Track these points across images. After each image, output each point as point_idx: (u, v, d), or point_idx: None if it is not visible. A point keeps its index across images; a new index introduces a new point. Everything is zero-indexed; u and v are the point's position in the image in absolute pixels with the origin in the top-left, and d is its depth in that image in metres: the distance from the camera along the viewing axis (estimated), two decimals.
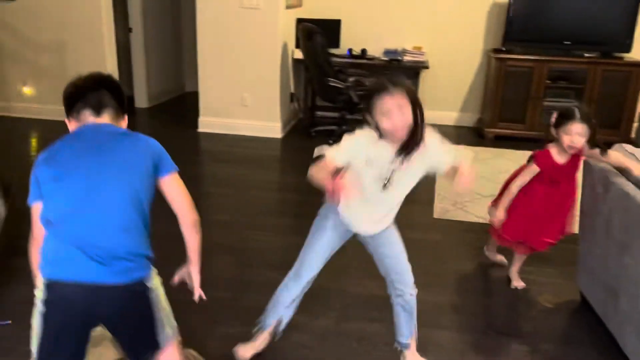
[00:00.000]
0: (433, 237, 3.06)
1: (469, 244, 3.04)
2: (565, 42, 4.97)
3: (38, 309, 1.40)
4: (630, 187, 2.04)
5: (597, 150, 2.22)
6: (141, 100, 6.00)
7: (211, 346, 2.12)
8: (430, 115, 1.95)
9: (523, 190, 2.39)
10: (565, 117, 2.25)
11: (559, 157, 2.32)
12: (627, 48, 4.89)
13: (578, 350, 2.13)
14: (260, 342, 2.06)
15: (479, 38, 5.38)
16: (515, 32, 5.00)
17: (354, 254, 2.91)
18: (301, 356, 2.11)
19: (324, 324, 2.26)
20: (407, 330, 2.00)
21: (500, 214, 2.41)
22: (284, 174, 4.12)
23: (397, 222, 3.34)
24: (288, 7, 4.89)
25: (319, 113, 5.43)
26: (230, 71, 4.86)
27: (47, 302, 1.39)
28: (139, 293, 1.48)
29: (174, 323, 1.64)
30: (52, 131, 2.48)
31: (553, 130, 2.31)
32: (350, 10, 5.45)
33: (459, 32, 5.37)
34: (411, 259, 2.80)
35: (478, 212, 3.42)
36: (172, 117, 5.74)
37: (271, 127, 4.94)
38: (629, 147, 2.25)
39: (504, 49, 5.08)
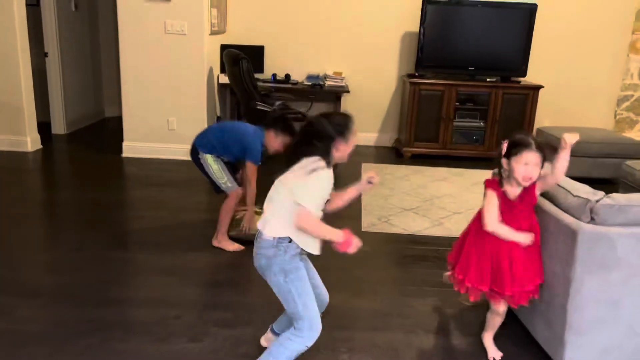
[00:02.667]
0: (362, 249, 3.23)
1: (395, 253, 3.27)
2: (470, 68, 5.46)
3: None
4: None
5: (547, 170, 2.09)
6: (58, 127, 5.81)
7: None
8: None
9: (474, 231, 2.21)
10: (519, 145, 2.04)
11: (512, 192, 2.09)
12: (523, 73, 5.46)
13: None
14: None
15: (394, 64, 5.77)
16: (426, 58, 5.43)
17: None
18: None
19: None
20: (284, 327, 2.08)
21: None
22: (213, 196, 4.16)
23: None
24: (212, 33, 5.01)
25: None
26: (155, 96, 4.87)
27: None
28: (196, 155, 3.15)
29: (225, 183, 3.12)
30: None
31: (504, 162, 2.07)
32: (273, 36, 5.66)
33: (376, 58, 5.74)
34: (344, 270, 3.01)
35: (401, 225, 3.67)
36: (94, 142, 5.61)
37: None
38: None
39: (416, 74, 5.49)
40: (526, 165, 2.03)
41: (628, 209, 1.98)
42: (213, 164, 3.10)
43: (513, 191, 2.10)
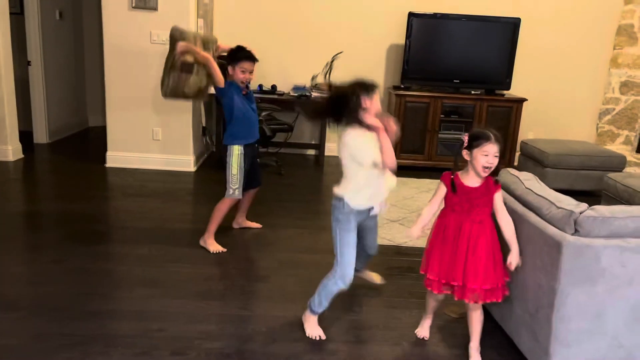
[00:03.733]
0: None
1: (381, 264, 3.26)
2: (455, 81, 5.52)
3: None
4: (510, 200, 2.36)
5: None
6: (41, 136, 5.74)
7: None
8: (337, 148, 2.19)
9: (437, 224, 2.32)
10: (480, 138, 2.17)
11: (469, 181, 2.22)
12: (507, 86, 5.53)
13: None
14: (314, 322, 2.45)
15: (380, 76, 5.81)
16: (412, 71, 5.47)
17: (276, 280, 3.03)
18: None
19: (252, 348, 2.33)
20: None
21: (413, 232, 2.28)
22: (198, 206, 4.14)
23: (318, 248, 3.51)
24: None
25: None
26: (140, 106, 4.83)
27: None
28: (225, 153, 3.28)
29: (233, 190, 3.22)
30: None
31: (465, 153, 2.21)
32: (259, 47, 5.60)
33: (362, 69, 5.68)
34: None
35: (387, 236, 3.67)
36: (77, 152, 5.54)
37: (183, 160, 4.95)
38: (513, 171, 2.60)
39: (402, 86, 5.52)
40: (486, 156, 2.15)
41: (611, 221, 2.00)
42: (235, 167, 3.23)
43: (472, 182, 2.22)
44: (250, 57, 3.19)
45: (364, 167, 2.23)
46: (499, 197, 2.24)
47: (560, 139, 5.40)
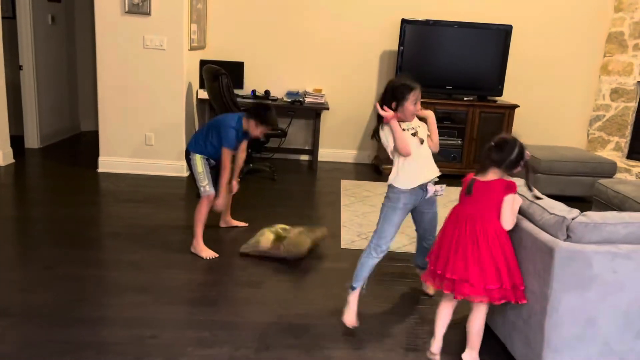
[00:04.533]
0: (342, 266, 3.24)
1: (374, 270, 3.24)
2: (448, 87, 5.55)
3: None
4: None
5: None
6: (32, 141, 5.70)
7: None
8: (331, 153, 2.21)
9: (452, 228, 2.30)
10: (523, 156, 2.26)
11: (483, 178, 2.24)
12: (500, 92, 5.57)
13: None
14: (354, 303, 2.57)
15: (372, 82, 5.83)
16: None
17: (269, 286, 3.02)
18: None
19: (244, 354, 2.32)
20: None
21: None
22: (191, 212, 4.11)
23: (311, 254, 3.49)
24: (192, 48, 5.00)
25: None
26: (133, 111, 4.82)
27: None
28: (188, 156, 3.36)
29: (204, 187, 3.30)
30: None
31: (511, 173, 2.25)
32: (253, 53, 5.67)
33: (356, 76, 5.79)
34: (322, 288, 2.98)
35: None
36: (69, 157, 5.51)
37: (176, 166, 4.93)
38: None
39: None
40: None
41: (603, 227, 2.02)
42: (199, 166, 3.30)
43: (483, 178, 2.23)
44: (274, 127, 3.43)
45: (394, 153, 2.51)
46: (508, 199, 2.19)
47: (551, 145, 5.44)
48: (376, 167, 5.70)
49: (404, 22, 5.36)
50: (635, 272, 2.02)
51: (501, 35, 5.42)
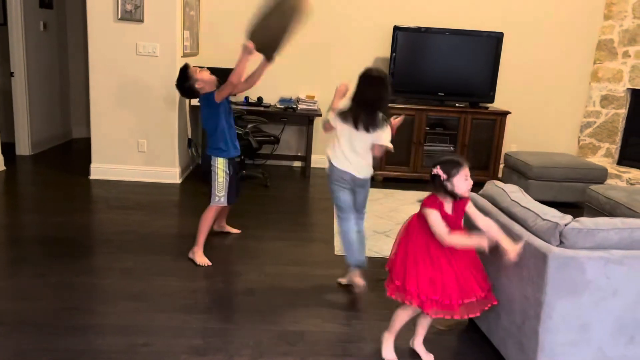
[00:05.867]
0: (335, 273, 3.23)
1: (368, 277, 3.25)
2: (440, 94, 5.58)
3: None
4: (495, 211, 2.38)
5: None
6: (23, 148, 5.65)
7: None
8: (324, 159, 2.20)
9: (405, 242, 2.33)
10: (455, 165, 2.20)
11: (447, 208, 2.24)
12: (491, 99, 5.61)
13: None
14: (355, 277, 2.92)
15: None
16: (397, 84, 5.51)
17: (263, 293, 3.01)
18: None
19: None
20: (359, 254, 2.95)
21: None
22: (183, 219, 4.11)
23: (304, 261, 3.51)
24: (185, 55, 4.99)
25: None
26: (125, 117, 4.80)
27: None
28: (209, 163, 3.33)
29: (219, 197, 3.29)
30: None
31: (448, 184, 2.19)
32: None
33: (349, 82, 5.79)
34: (316, 294, 2.98)
35: (374, 248, 3.67)
36: (60, 164, 5.47)
37: (169, 172, 4.92)
38: (498, 183, 2.62)
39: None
40: (467, 180, 2.20)
41: (595, 232, 2.03)
42: (221, 175, 3.30)
43: (448, 206, 2.25)
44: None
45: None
46: (470, 207, 2.27)
47: (543, 151, 5.48)
48: None
49: (396, 29, 5.39)
50: (627, 277, 2.04)
51: (493, 42, 5.47)
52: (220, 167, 3.29)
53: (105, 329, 2.49)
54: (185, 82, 3.28)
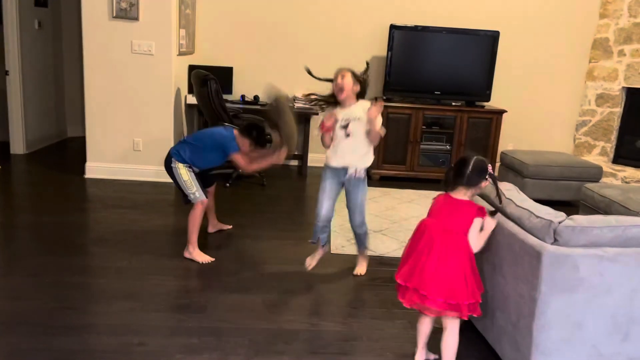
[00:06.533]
0: (332, 271, 3.24)
1: (364, 275, 3.25)
2: (436, 92, 5.58)
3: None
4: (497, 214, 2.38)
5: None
6: (18, 146, 5.63)
7: None
8: (321, 158, 2.19)
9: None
10: (486, 168, 2.25)
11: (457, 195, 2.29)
12: (487, 98, 5.61)
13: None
14: (318, 253, 3.17)
15: None
16: (394, 83, 5.52)
17: (259, 292, 3.01)
18: None
19: None
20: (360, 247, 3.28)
21: None
22: (179, 218, 4.10)
23: (301, 259, 3.50)
24: (180, 53, 4.98)
25: None
26: (121, 116, 4.79)
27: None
28: (170, 164, 3.33)
29: (194, 193, 3.28)
30: None
31: (477, 188, 2.26)
32: (241, 58, 5.67)
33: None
34: (312, 293, 2.98)
35: (370, 246, 3.66)
36: (55, 163, 5.45)
37: (165, 171, 4.89)
38: None
39: (384, 97, 5.57)
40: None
41: (589, 230, 2.04)
42: (184, 174, 3.27)
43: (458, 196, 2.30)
44: (263, 146, 3.38)
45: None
46: (476, 222, 2.21)
47: (539, 150, 5.49)
48: (367, 172, 5.69)
49: (392, 27, 5.39)
50: (621, 275, 2.04)
51: (489, 41, 5.47)
52: (181, 167, 3.28)
53: (100, 329, 2.49)
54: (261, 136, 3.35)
